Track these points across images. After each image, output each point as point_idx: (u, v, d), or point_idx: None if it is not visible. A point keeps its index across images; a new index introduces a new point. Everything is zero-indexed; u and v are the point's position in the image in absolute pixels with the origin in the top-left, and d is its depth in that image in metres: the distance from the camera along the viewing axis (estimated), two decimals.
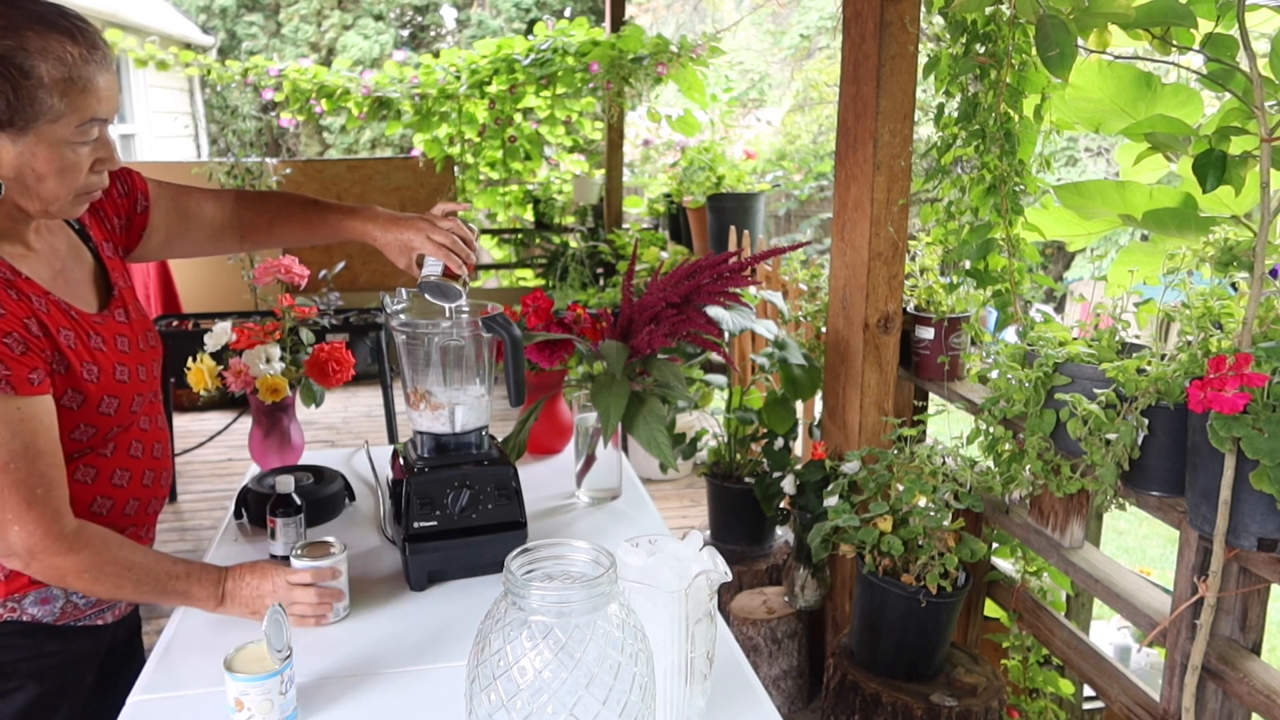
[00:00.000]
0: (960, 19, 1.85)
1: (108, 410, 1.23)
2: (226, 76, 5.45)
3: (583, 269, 5.42)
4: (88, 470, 1.24)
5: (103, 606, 1.30)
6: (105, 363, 1.23)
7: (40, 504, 1.11)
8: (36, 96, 1.05)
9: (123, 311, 1.32)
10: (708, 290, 1.75)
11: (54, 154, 1.10)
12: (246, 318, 3.51)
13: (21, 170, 1.09)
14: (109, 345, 1.25)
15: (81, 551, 1.15)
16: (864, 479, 1.98)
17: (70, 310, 1.21)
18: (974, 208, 1.96)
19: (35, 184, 1.11)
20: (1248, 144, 1.39)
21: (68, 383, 1.17)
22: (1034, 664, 1.98)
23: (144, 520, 1.35)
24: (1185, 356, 1.41)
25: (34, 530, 1.11)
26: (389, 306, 1.47)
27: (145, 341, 1.34)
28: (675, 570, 1.01)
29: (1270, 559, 1.32)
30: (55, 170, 1.11)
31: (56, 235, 1.27)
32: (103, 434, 1.24)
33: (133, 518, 1.31)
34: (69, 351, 1.18)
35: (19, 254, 1.19)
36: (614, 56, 4.90)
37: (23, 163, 1.09)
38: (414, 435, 1.50)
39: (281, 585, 1.27)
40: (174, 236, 1.47)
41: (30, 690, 1.22)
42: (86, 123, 1.10)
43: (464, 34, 13.44)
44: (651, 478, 4.05)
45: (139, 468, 1.31)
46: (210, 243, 1.53)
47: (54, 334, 1.16)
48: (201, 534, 3.68)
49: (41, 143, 1.08)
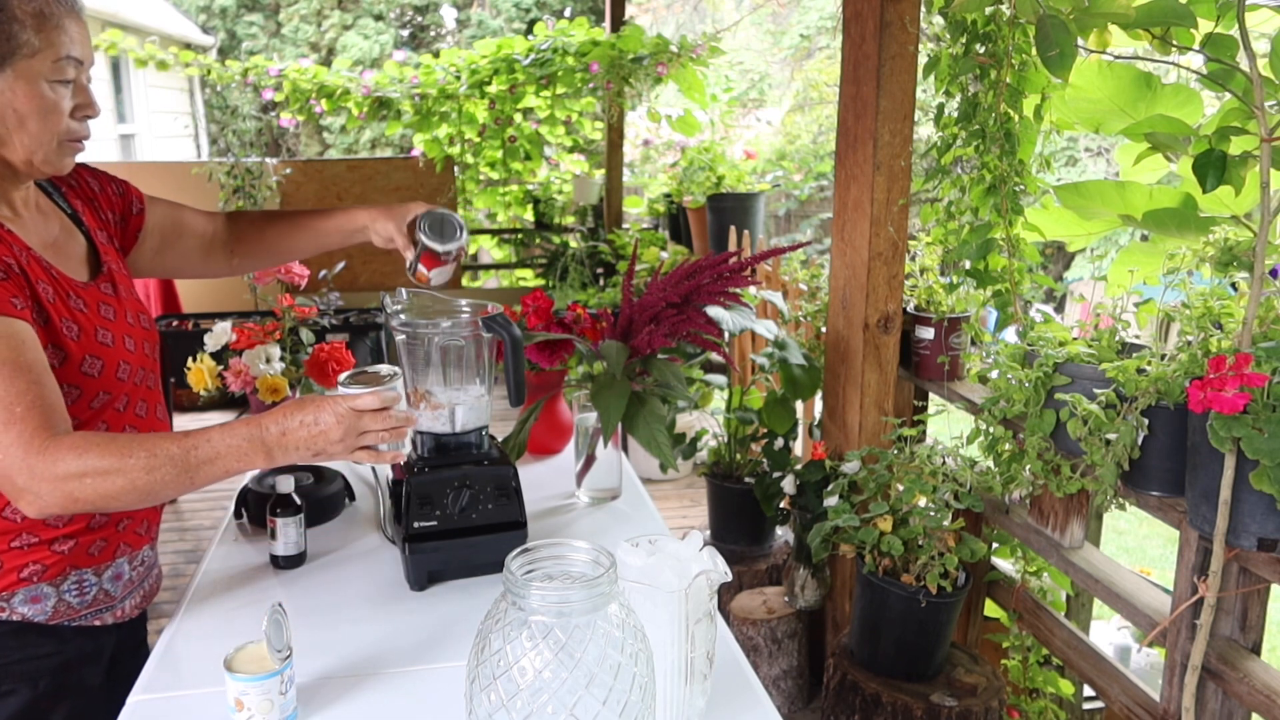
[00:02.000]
0: (960, 19, 1.85)
1: (90, 371, 1.18)
2: (226, 76, 5.45)
3: (583, 269, 5.43)
4: None
5: (100, 606, 1.26)
6: (86, 324, 1.19)
7: (20, 421, 1.03)
8: (11, 30, 1.07)
9: (110, 286, 1.29)
10: (708, 290, 1.75)
11: (33, 91, 1.11)
12: (246, 318, 3.51)
13: (3, 111, 1.11)
14: (90, 309, 1.22)
15: (71, 455, 1.04)
16: (864, 479, 1.98)
17: (52, 269, 1.18)
18: (974, 208, 1.96)
19: (17, 127, 1.12)
20: (1248, 144, 1.39)
21: (48, 336, 1.13)
22: (1034, 664, 1.98)
23: (141, 514, 1.31)
24: (1185, 356, 1.41)
25: (14, 450, 1.03)
26: (389, 306, 1.47)
27: (136, 319, 1.31)
28: (675, 570, 1.01)
29: (1270, 559, 1.32)
30: (36, 109, 1.12)
31: (50, 218, 1.26)
32: (87, 399, 1.18)
33: (146, 510, 1.29)
34: (48, 305, 1.14)
35: (6, 216, 1.18)
36: (614, 56, 4.90)
37: (3, 102, 1.10)
38: (414, 435, 1.50)
39: (346, 413, 1.12)
40: (167, 245, 1.48)
41: (23, 694, 1.19)
42: (62, 59, 1.12)
43: (464, 34, 13.45)
44: (651, 478, 4.05)
45: None
46: (200, 257, 1.53)
47: (32, 284, 1.13)
48: (201, 534, 3.68)
49: (20, 79, 1.10)
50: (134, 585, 1.33)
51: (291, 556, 1.46)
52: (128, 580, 1.31)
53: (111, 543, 1.26)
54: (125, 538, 1.29)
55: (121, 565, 1.29)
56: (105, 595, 1.27)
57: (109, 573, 1.27)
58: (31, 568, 1.18)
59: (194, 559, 3.43)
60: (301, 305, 1.87)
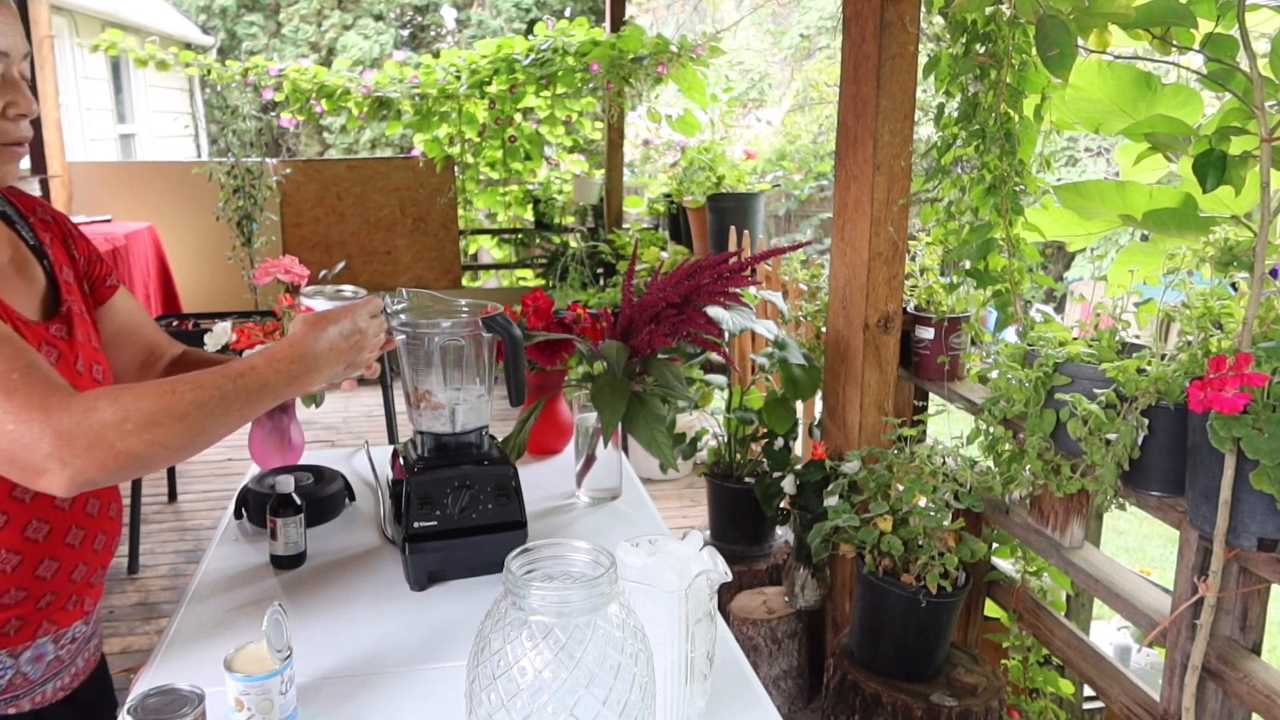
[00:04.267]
0: (960, 19, 1.86)
1: None
2: (226, 76, 5.45)
3: (583, 269, 5.42)
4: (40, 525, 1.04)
5: (14, 693, 1.08)
6: None
7: (23, 386, 0.90)
8: None
9: (64, 329, 1.12)
10: (708, 290, 1.75)
11: None
12: (246, 318, 3.51)
13: None
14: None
15: (104, 403, 0.92)
16: (864, 479, 1.98)
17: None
18: (974, 208, 1.96)
19: None
20: (1248, 144, 1.39)
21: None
22: (1034, 664, 1.97)
23: (69, 588, 1.12)
24: (1185, 356, 1.41)
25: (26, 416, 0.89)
26: (389, 306, 1.47)
27: (87, 369, 1.13)
28: (675, 570, 1.01)
29: (1270, 559, 1.32)
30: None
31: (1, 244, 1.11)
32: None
33: (50, 581, 1.09)
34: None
35: None
36: (614, 56, 4.90)
37: None
38: (414, 435, 1.50)
39: (362, 316, 1.13)
40: (123, 332, 1.30)
41: None
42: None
43: (464, 34, 13.45)
44: (651, 478, 4.05)
45: (62, 521, 1.08)
46: (136, 369, 1.33)
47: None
48: (201, 534, 3.68)
49: None
50: (60, 666, 1.14)
51: (291, 556, 1.46)
52: (52, 660, 1.12)
53: (31, 621, 1.08)
54: (49, 614, 1.10)
55: (44, 646, 1.11)
56: (22, 679, 1.09)
57: (28, 654, 1.09)
58: None
59: (194, 559, 3.43)
60: (302, 305, 1.87)
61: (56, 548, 1.07)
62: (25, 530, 1.04)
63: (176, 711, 0.95)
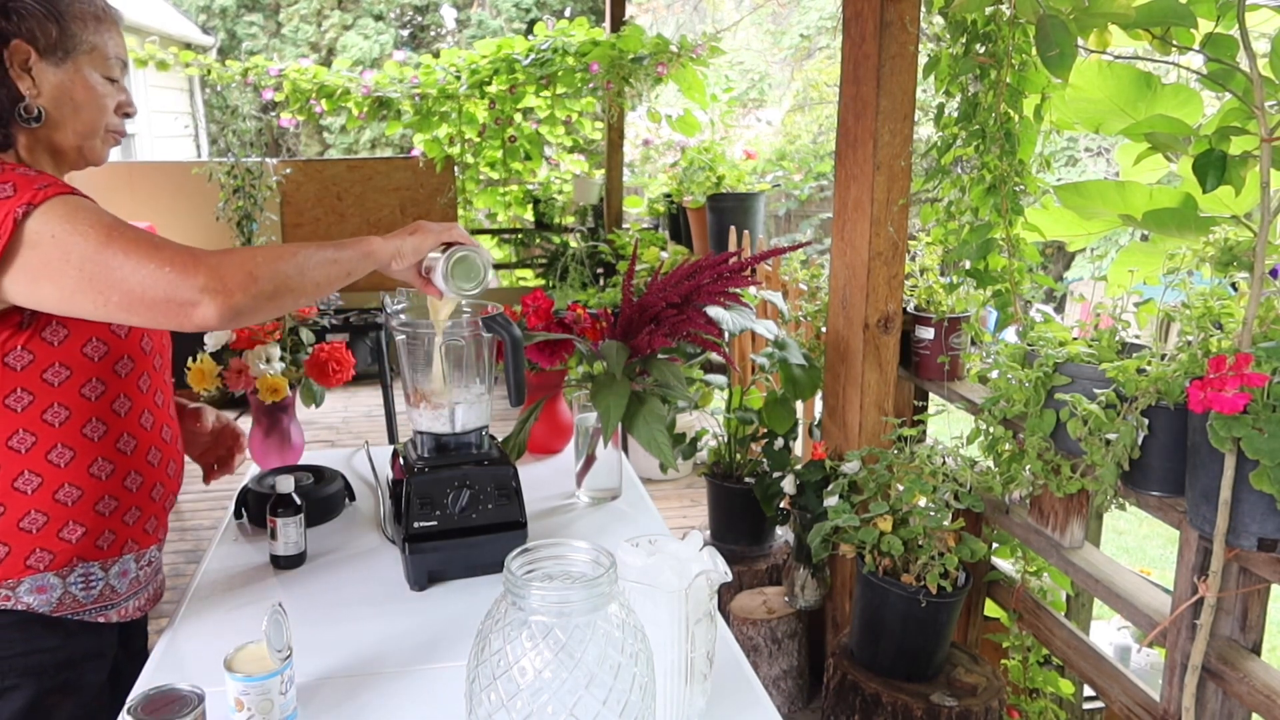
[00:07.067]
0: (960, 19, 1.86)
1: (91, 355, 1.20)
2: (226, 76, 5.45)
3: (583, 269, 5.42)
4: (97, 426, 1.21)
5: (105, 602, 1.26)
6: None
7: (167, 245, 1.08)
8: (74, 29, 1.21)
9: None
10: (708, 290, 1.75)
11: (89, 84, 1.23)
12: None
13: (60, 99, 1.21)
14: None
15: (236, 250, 1.12)
16: (864, 479, 1.98)
17: None
18: (974, 208, 1.96)
19: (73, 115, 1.22)
20: (1248, 144, 1.39)
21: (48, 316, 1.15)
22: (1034, 664, 1.97)
23: (150, 507, 1.30)
24: (1185, 356, 1.41)
25: (182, 259, 1.07)
26: (389, 306, 1.47)
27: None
28: (675, 570, 1.01)
29: (1270, 559, 1.32)
30: (90, 100, 1.23)
31: None
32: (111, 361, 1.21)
33: (135, 495, 1.27)
34: None
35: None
36: (614, 56, 4.90)
37: (62, 91, 1.21)
38: (414, 435, 1.50)
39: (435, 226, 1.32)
40: None
41: (27, 690, 1.19)
42: (112, 59, 1.25)
43: (464, 34, 13.45)
44: (651, 478, 4.05)
45: (145, 440, 1.27)
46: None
47: None
48: (201, 534, 3.68)
49: (79, 72, 1.22)
50: (139, 585, 1.32)
51: (291, 556, 1.46)
52: (134, 579, 1.30)
53: (120, 536, 1.26)
54: (133, 533, 1.28)
55: (128, 562, 1.29)
56: (111, 591, 1.27)
57: (116, 568, 1.27)
58: (38, 555, 1.18)
59: (194, 559, 3.43)
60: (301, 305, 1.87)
61: (140, 463, 1.27)
62: (117, 443, 1.24)
63: (176, 711, 0.96)
